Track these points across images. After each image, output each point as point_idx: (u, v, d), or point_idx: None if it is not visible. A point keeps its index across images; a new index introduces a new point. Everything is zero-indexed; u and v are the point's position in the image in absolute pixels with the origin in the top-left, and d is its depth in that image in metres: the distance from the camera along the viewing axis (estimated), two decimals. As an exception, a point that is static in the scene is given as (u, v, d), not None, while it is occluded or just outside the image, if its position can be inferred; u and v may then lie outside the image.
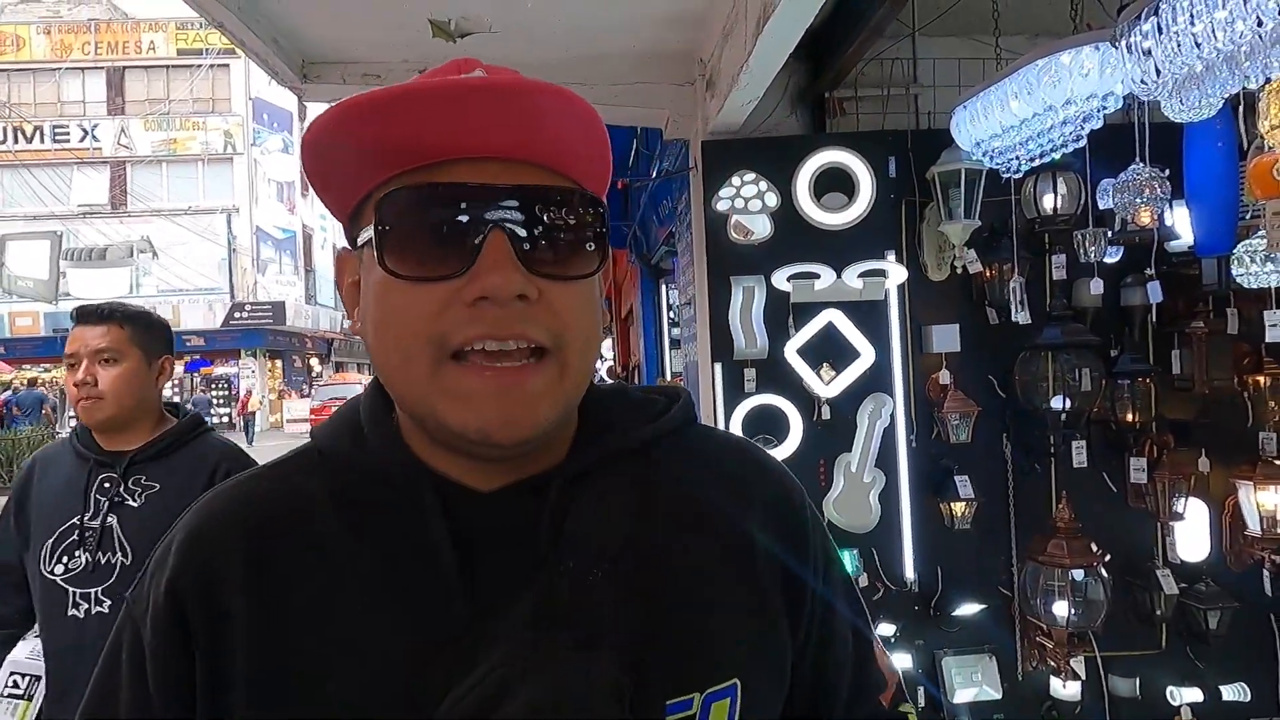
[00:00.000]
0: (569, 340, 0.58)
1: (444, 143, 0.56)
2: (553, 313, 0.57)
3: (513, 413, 0.56)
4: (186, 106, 24.53)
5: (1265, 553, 2.86)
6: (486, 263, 0.55)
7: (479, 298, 0.55)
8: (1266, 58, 1.47)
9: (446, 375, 0.56)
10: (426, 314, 0.56)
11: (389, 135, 0.56)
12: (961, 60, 3.05)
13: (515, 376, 0.56)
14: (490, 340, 0.55)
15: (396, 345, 0.58)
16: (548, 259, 0.57)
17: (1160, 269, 2.85)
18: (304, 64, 2.94)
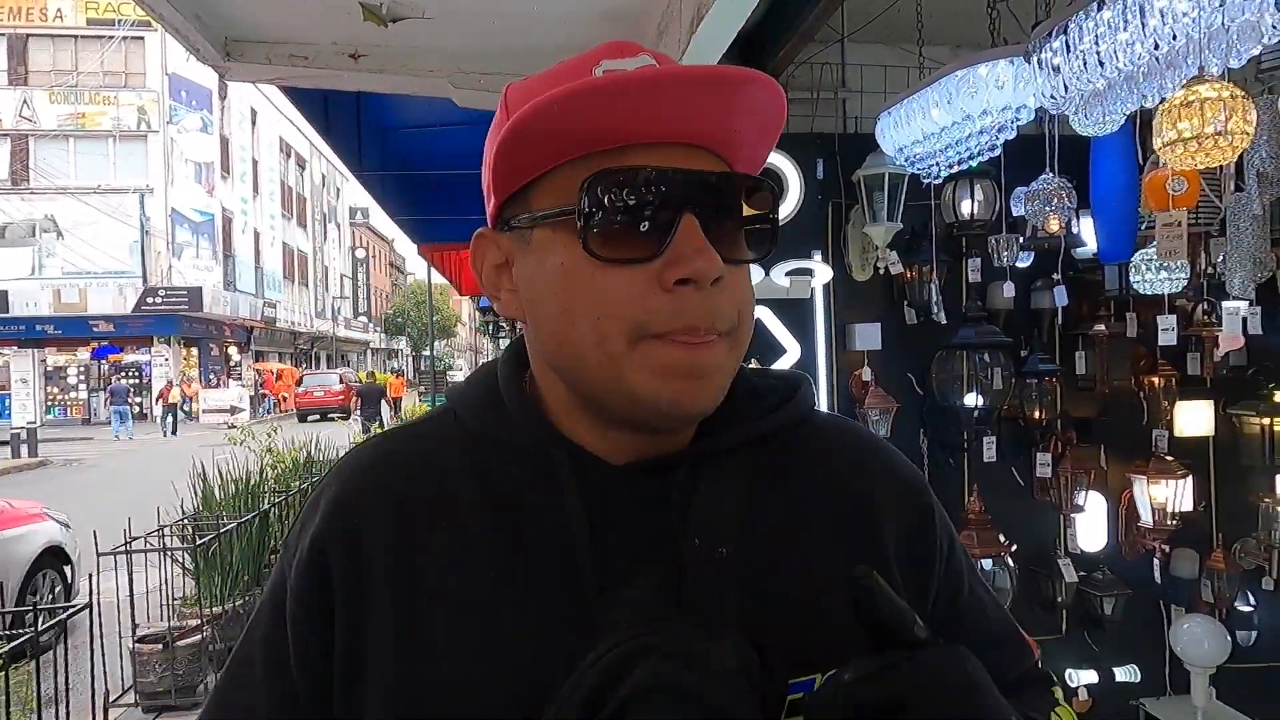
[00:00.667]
0: (743, 320, 0.61)
1: (633, 129, 0.58)
2: (732, 296, 0.60)
3: (699, 385, 0.59)
4: (96, 79, 23.30)
5: (1156, 543, 3.06)
6: (685, 247, 0.56)
7: (681, 279, 0.56)
8: (1162, 79, 1.58)
9: (646, 350, 0.58)
10: (626, 297, 0.57)
11: (583, 123, 0.57)
12: (888, 67, 3.15)
13: (706, 352, 0.59)
14: (693, 332, 0.58)
15: (593, 326, 0.58)
16: (729, 243, 0.59)
17: (1067, 274, 3.01)
18: (227, 42, 2.84)
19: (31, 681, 2.85)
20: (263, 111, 30.64)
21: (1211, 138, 1.65)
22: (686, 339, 0.58)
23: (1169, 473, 2.98)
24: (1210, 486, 3.24)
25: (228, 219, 27.09)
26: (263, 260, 30.41)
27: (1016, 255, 2.94)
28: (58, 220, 22.34)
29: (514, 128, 0.57)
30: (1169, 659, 3.23)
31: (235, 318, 26.78)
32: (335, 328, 39.80)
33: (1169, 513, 2.98)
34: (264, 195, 31.07)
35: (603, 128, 0.57)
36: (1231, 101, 1.71)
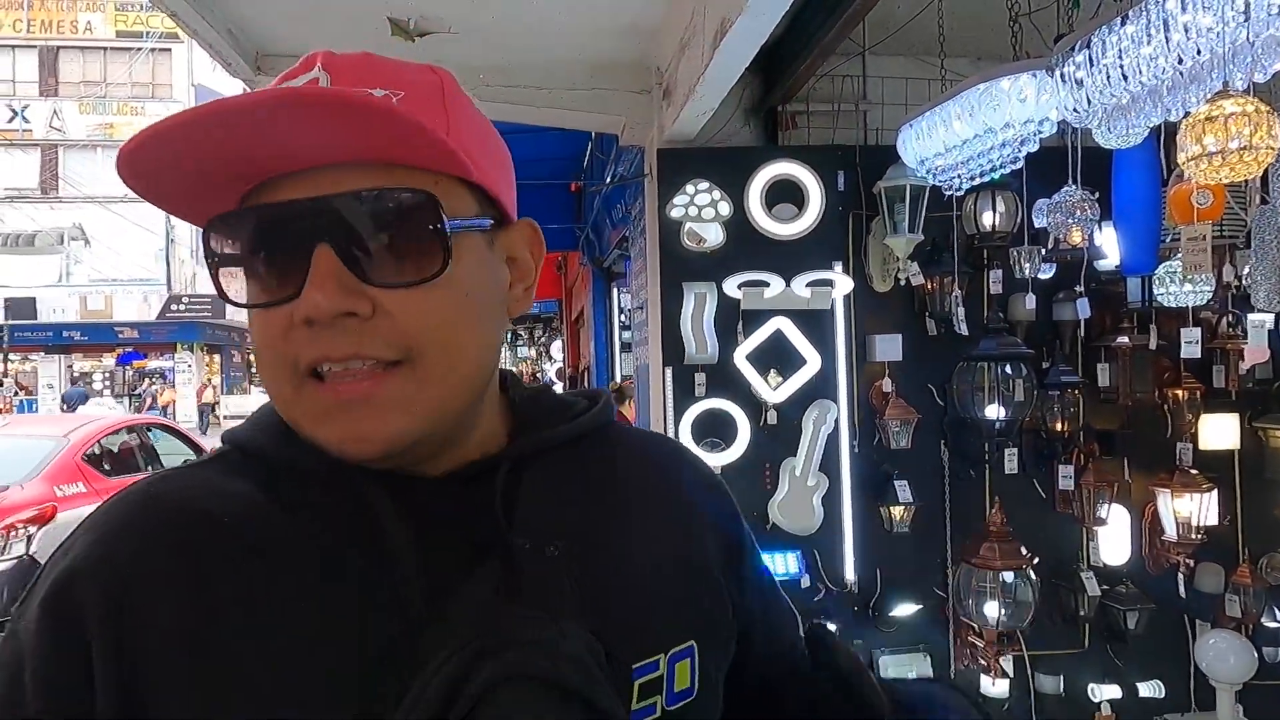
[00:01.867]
0: (422, 349, 0.55)
1: (262, 159, 0.53)
2: (395, 325, 0.54)
3: (360, 427, 0.55)
4: (125, 91, 23.70)
5: (1180, 557, 3.03)
6: (309, 281, 0.52)
7: (305, 319, 0.53)
8: (1186, 93, 1.58)
9: (305, 394, 0.56)
10: (276, 336, 0.55)
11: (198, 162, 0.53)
12: (909, 80, 3.16)
13: (359, 389, 0.54)
14: (328, 362, 0.54)
15: (262, 369, 0.58)
16: (380, 267, 0.54)
17: (1089, 286, 3.00)
18: (259, 56, 2.90)
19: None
20: (286, 121, 31.04)
21: (1236, 152, 1.65)
22: (338, 381, 0.54)
23: (1193, 486, 2.96)
24: (1236, 500, 3.21)
25: (251, 227, 27.43)
26: (284, 268, 30.75)
27: (1038, 267, 2.93)
28: (85, 229, 22.70)
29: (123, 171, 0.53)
30: (1194, 675, 3.19)
31: (257, 325, 27.04)
32: (355, 335, 40.16)
33: (1194, 526, 2.95)
34: (286, 204, 31.45)
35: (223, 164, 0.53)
36: (1256, 116, 1.71)
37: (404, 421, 0.56)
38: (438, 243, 0.55)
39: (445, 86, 0.61)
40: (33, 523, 5.03)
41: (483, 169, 0.59)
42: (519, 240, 0.66)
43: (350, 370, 0.54)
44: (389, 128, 0.52)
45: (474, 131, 0.62)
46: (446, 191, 0.56)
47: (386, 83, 0.57)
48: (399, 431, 0.56)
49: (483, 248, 0.61)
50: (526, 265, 0.67)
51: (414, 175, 0.55)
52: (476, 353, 0.60)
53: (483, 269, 0.60)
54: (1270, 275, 2.40)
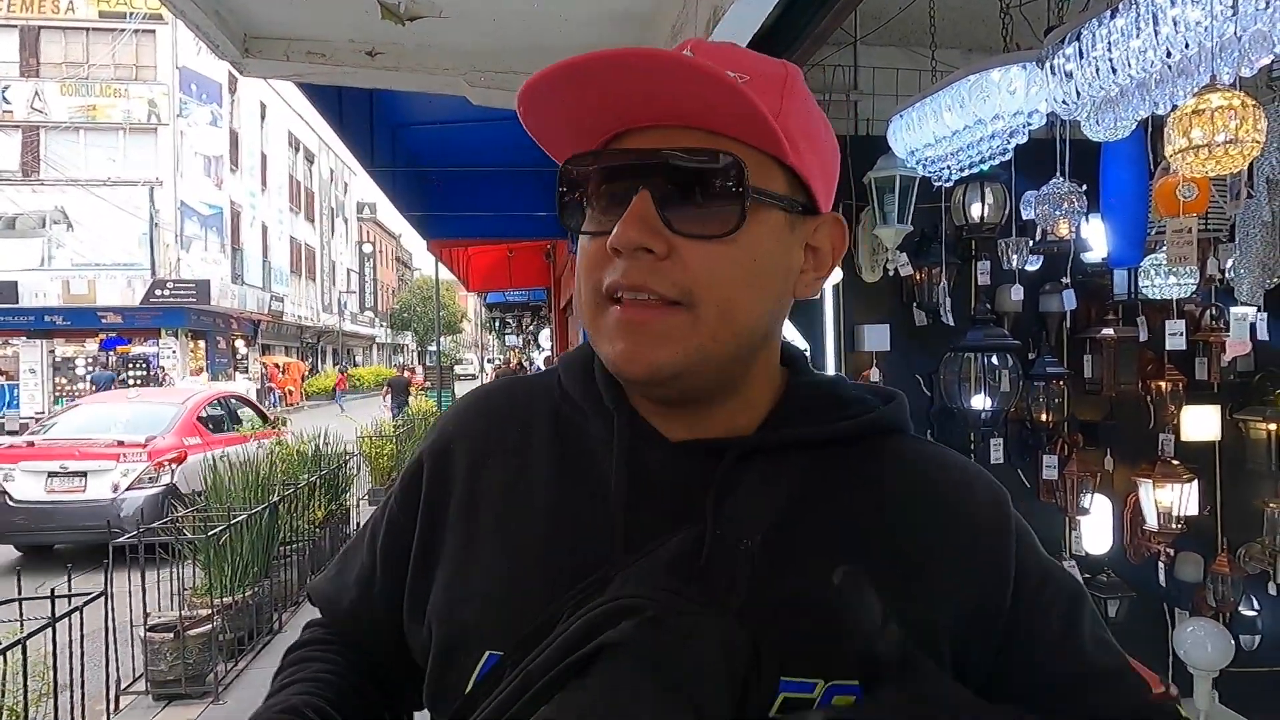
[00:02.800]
0: (700, 296, 0.61)
1: (621, 109, 0.63)
2: (684, 268, 0.61)
3: (632, 349, 0.62)
4: (108, 72, 23.38)
5: (1161, 546, 3.08)
6: (623, 217, 0.60)
7: (612, 248, 0.61)
8: (1174, 87, 1.60)
9: (601, 313, 0.64)
10: (590, 261, 0.64)
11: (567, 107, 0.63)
12: (900, 70, 3.17)
13: (639, 315, 0.62)
14: (623, 289, 0.62)
15: (578, 288, 0.67)
16: (684, 217, 0.61)
17: (1075, 278, 3.02)
18: (246, 38, 2.86)
19: (46, 668, 2.89)
20: (272, 106, 30.71)
21: (1222, 145, 1.66)
22: (626, 306, 0.62)
23: (1175, 476, 3.00)
24: (1216, 491, 3.25)
25: (236, 212, 27.18)
26: (270, 254, 30.50)
27: (1026, 258, 2.96)
28: (67, 212, 22.43)
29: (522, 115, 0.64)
30: (1172, 662, 3.24)
31: (243, 311, 26.86)
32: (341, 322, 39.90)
33: (1174, 516, 2.99)
34: (272, 189, 31.15)
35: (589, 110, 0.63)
36: (1242, 110, 1.73)
37: (669, 353, 0.62)
38: (737, 205, 0.61)
39: (789, 79, 0.66)
40: (174, 462, 7.21)
41: (801, 156, 0.64)
42: (823, 232, 0.70)
43: (638, 300, 0.62)
44: (728, 98, 0.59)
45: (803, 122, 0.66)
46: (759, 165, 0.62)
47: (740, 68, 0.63)
48: (665, 361, 0.62)
49: (782, 225, 0.65)
50: (825, 256, 0.71)
51: (735, 145, 0.61)
52: (749, 314, 0.64)
53: (776, 244, 0.65)
54: (1253, 268, 2.43)
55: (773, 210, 0.63)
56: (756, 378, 0.69)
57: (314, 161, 37.40)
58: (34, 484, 6.77)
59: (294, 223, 33.95)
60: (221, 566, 4.41)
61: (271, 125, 31.16)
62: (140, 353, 23.77)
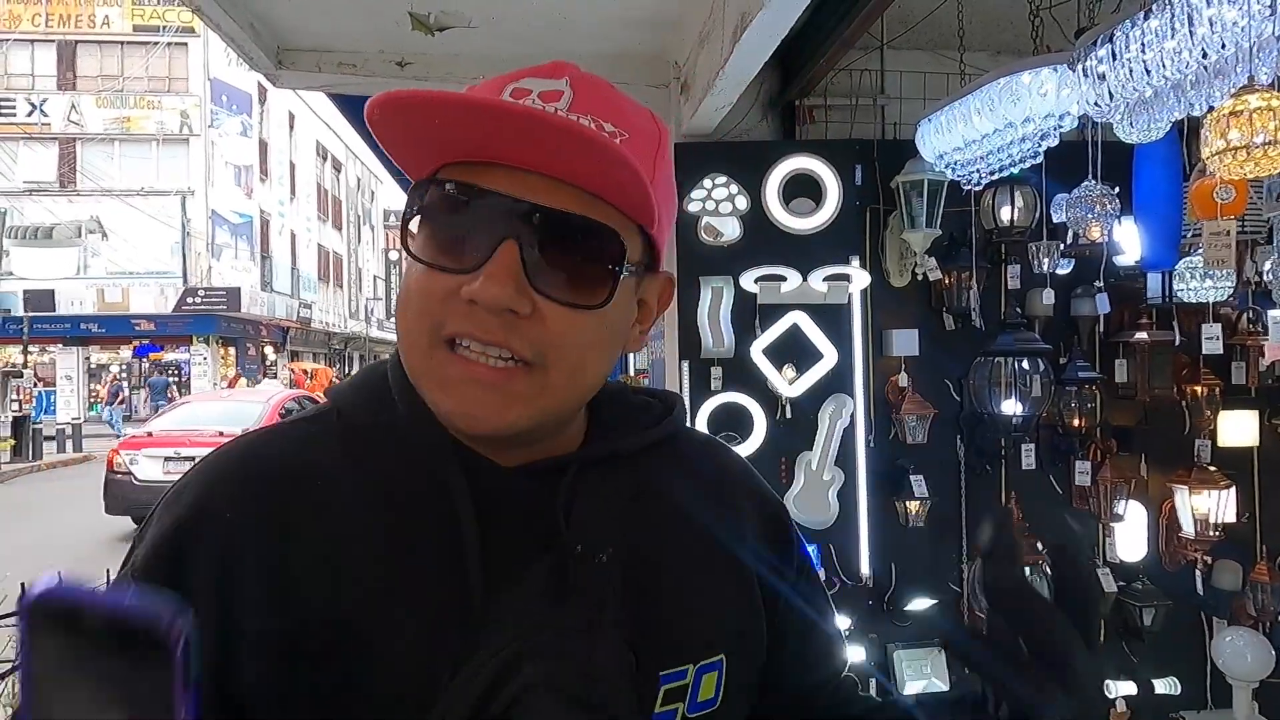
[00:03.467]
0: (554, 360, 0.60)
1: (488, 149, 0.59)
2: (544, 330, 0.59)
3: (482, 409, 0.59)
4: (141, 84, 23.87)
5: (1197, 553, 3.02)
6: (488, 269, 0.57)
7: (471, 300, 0.57)
8: (1210, 88, 1.58)
9: (436, 358, 0.60)
10: (432, 298, 0.60)
11: (439, 133, 0.59)
12: (927, 74, 3.15)
13: (491, 375, 0.59)
14: (474, 341, 0.59)
15: (403, 321, 0.62)
16: (553, 280, 0.59)
17: (1108, 281, 2.98)
18: (279, 51, 2.92)
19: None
20: (300, 116, 31.16)
21: (1261, 147, 1.64)
22: (471, 363, 0.59)
23: (1212, 483, 2.94)
24: (1254, 497, 3.19)
25: (265, 221, 27.58)
26: (299, 261, 30.90)
27: (1057, 262, 2.92)
28: (102, 222, 22.92)
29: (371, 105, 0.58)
30: (1210, 672, 3.18)
31: (272, 318, 27.23)
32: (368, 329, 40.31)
33: (1212, 524, 2.94)
34: (301, 198, 31.59)
35: (459, 134, 0.58)
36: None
37: (517, 414, 0.60)
38: (610, 281, 0.61)
39: (662, 140, 0.67)
40: None
41: (661, 224, 0.65)
42: (654, 289, 0.71)
43: (488, 354, 0.59)
44: (617, 172, 0.57)
45: (667, 187, 0.67)
46: (628, 234, 0.62)
47: (618, 119, 0.62)
48: (511, 422, 0.60)
49: (631, 288, 0.66)
50: (651, 310, 0.72)
51: (611, 213, 0.60)
52: (595, 374, 0.65)
53: (625, 306, 0.66)
54: (1292, 271, 2.39)
55: (631, 278, 0.64)
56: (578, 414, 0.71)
57: (341, 170, 37.88)
58: (153, 467, 8.38)
59: (322, 230, 34.39)
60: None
61: (300, 135, 31.62)
62: (172, 359, 24.19)
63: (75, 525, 8.99)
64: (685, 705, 0.64)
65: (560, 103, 0.61)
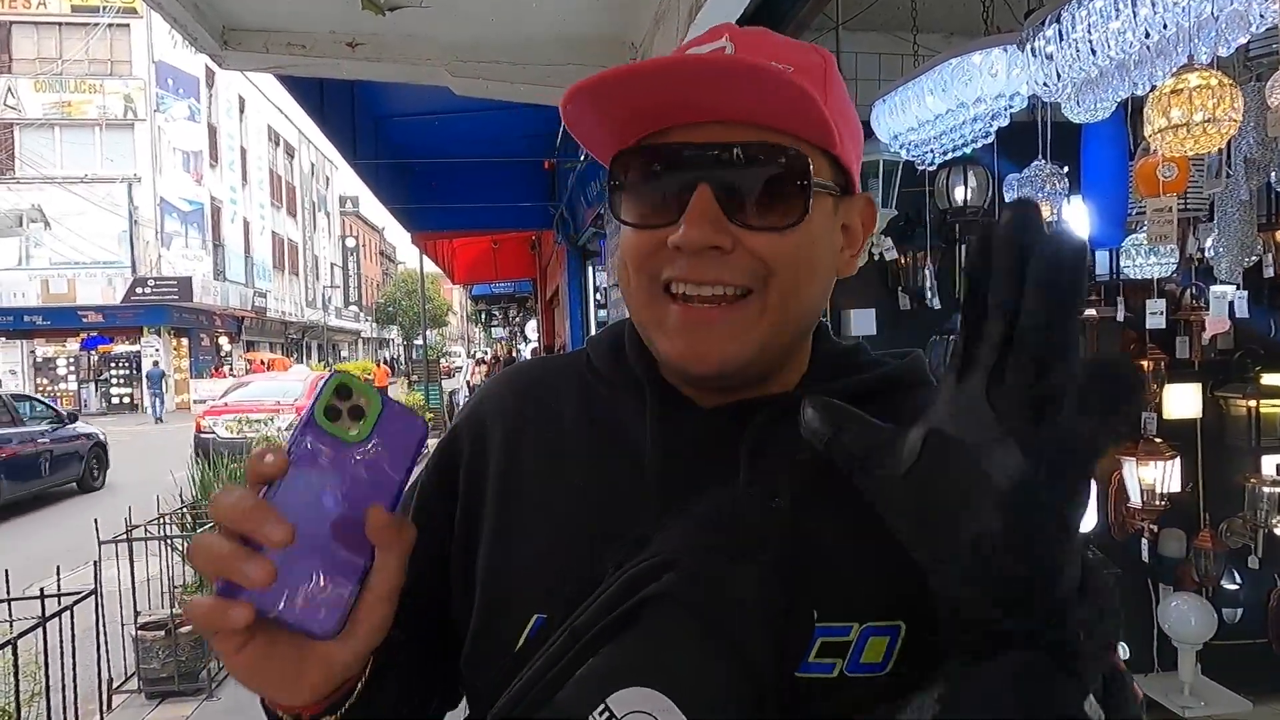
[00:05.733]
0: (769, 283, 0.63)
1: (664, 113, 0.63)
2: (754, 257, 0.62)
3: (700, 347, 0.63)
4: (82, 67, 23.05)
5: (1144, 523, 3.12)
6: (688, 215, 0.61)
7: (676, 245, 0.61)
8: (1153, 68, 1.61)
9: (658, 307, 0.65)
10: (645, 253, 0.65)
11: (621, 109, 0.63)
12: (882, 55, 3.18)
13: (706, 314, 0.63)
14: (687, 284, 0.63)
15: (625, 278, 0.68)
16: (748, 210, 0.62)
17: (1058, 260, 3.04)
18: (225, 31, 2.84)
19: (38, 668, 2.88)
20: (251, 100, 30.40)
21: (1200, 125, 1.69)
22: (688, 305, 0.63)
23: (1158, 454, 3.04)
24: (1198, 468, 3.30)
25: (216, 208, 26.91)
26: (252, 249, 30.25)
27: (1009, 241, 2.98)
28: (45, 210, 22.16)
29: (564, 112, 0.64)
30: (1157, 636, 3.30)
31: (225, 308, 26.66)
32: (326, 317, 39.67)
33: (1158, 493, 3.04)
34: (253, 184, 30.87)
35: (632, 104, 0.62)
36: (1220, 89, 1.75)
37: (737, 348, 0.64)
38: (801, 197, 0.63)
39: (828, 67, 0.68)
40: None
41: (843, 143, 0.66)
42: (855, 211, 0.72)
43: (703, 296, 0.63)
44: (786, 96, 0.59)
45: (843, 109, 0.68)
46: (813, 156, 0.64)
47: (780, 57, 0.64)
48: (732, 356, 0.64)
49: (829, 209, 0.68)
50: (856, 233, 0.73)
51: (789, 139, 0.63)
52: (810, 298, 0.67)
53: (826, 228, 0.67)
54: (1232, 247, 2.46)
55: (825, 198, 0.66)
56: (798, 354, 0.73)
57: (295, 155, 37.08)
58: (225, 428, 11.73)
59: (276, 218, 33.67)
60: (212, 563, 4.42)
61: (250, 119, 30.86)
62: (123, 351, 23.56)
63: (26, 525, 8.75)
64: (844, 663, 0.62)
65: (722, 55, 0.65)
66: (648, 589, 0.60)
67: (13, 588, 3.06)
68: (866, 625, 0.63)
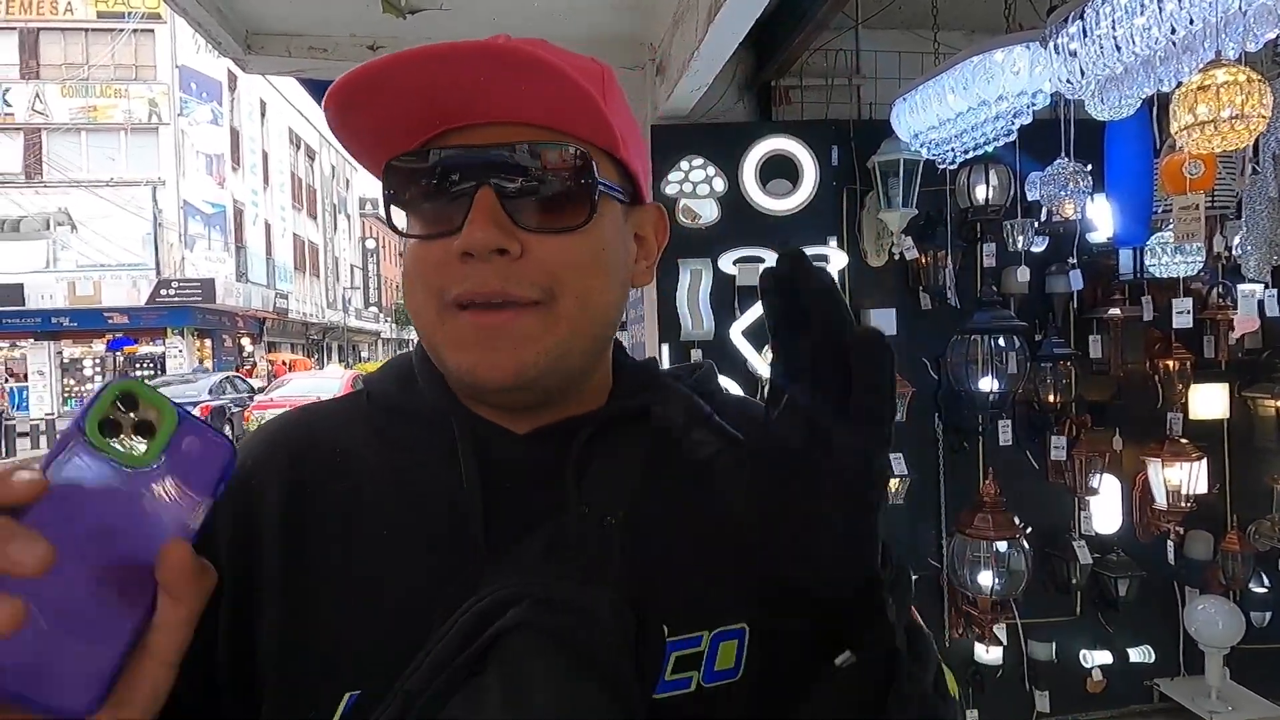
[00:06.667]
0: (560, 289, 0.61)
1: (445, 106, 0.60)
2: (540, 267, 0.60)
3: (495, 355, 0.60)
4: (107, 73, 23.38)
5: (1170, 525, 3.08)
6: (471, 218, 0.58)
7: (463, 252, 0.58)
8: (1179, 64, 1.59)
9: (446, 322, 0.61)
10: (430, 267, 0.61)
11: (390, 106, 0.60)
12: (902, 53, 3.16)
13: (498, 319, 0.60)
14: (476, 296, 0.60)
15: (411, 299, 0.64)
16: (533, 212, 0.60)
17: (1081, 258, 3.02)
18: (248, 35, 2.87)
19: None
20: (272, 103, 30.70)
21: (1228, 121, 1.66)
22: (479, 312, 0.60)
23: (1184, 455, 3.00)
24: (1225, 469, 3.26)
25: (239, 210, 27.19)
26: (274, 251, 30.53)
27: (1031, 240, 2.95)
28: (71, 213, 22.47)
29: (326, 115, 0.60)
30: (1183, 640, 3.25)
31: (248, 309, 26.92)
32: (346, 318, 39.98)
33: (1184, 495, 3.00)
34: (274, 187, 31.16)
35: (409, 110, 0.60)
36: (1248, 85, 1.72)
37: (533, 353, 0.61)
38: (587, 197, 0.61)
39: (605, 75, 0.66)
40: None
41: (628, 148, 0.65)
42: (647, 221, 0.71)
43: (493, 305, 0.60)
44: (567, 93, 0.58)
45: (624, 117, 0.66)
46: (597, 157, 0.62)
47: (556, 56, 0.61)
48: (529, 362, 0.61)
49: (619, 216, 0.66)
50: (651, 244, 0.72)
51: (572, 140, 0.61)
52: (603, 302, 0.65)
53: (616, 234, 0.66)
54: (1260, 245, 2.43)
55: (612, 202, 0.64)
56: (599, 370, 0.70)
57: (315, 158, 37.39)
58: None
59: (297, 220, 33.98)
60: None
61: (272, 122, 31.16)
62: (147, 352, 23.86)
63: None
64: (701, 674, 0.62)
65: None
66: (499, 622, 0.55)
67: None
68: (716, 630, 0.63)
